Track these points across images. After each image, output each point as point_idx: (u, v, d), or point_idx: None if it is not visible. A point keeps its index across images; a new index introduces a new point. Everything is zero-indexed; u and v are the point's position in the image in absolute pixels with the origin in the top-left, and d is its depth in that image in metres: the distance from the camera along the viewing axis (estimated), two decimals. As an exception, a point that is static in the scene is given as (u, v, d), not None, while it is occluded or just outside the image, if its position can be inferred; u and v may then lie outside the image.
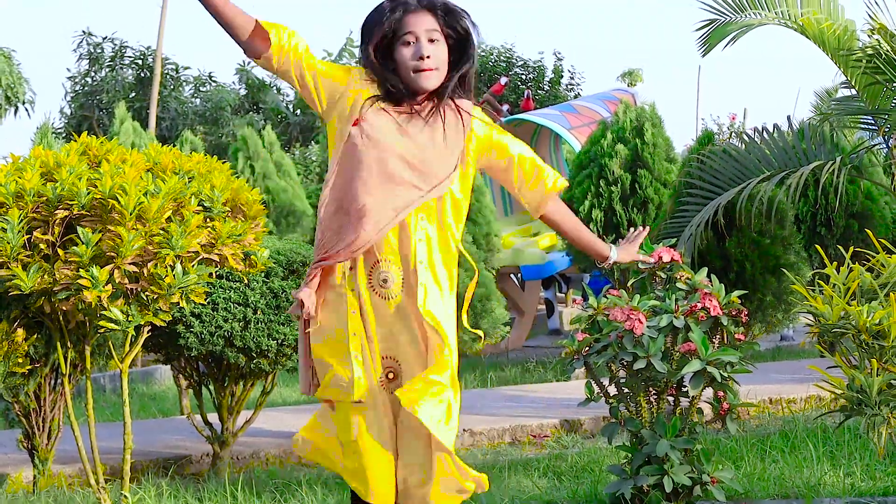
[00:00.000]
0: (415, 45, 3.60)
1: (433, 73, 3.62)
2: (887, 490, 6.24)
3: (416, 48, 3.59)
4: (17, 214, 5.58)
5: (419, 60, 3.59)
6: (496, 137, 3.88)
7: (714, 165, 8.79)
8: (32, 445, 7.08)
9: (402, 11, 3.62)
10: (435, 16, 3.63)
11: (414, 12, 3.62)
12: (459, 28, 3.66)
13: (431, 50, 3.60)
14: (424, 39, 3.60)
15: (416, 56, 3.60)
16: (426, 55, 3.58)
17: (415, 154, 3.67)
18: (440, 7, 3.65)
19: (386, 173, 3.66)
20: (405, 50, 3.61)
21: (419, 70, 3.61)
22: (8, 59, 24.82)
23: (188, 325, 7.32)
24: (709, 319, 5.65)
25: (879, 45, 7.63)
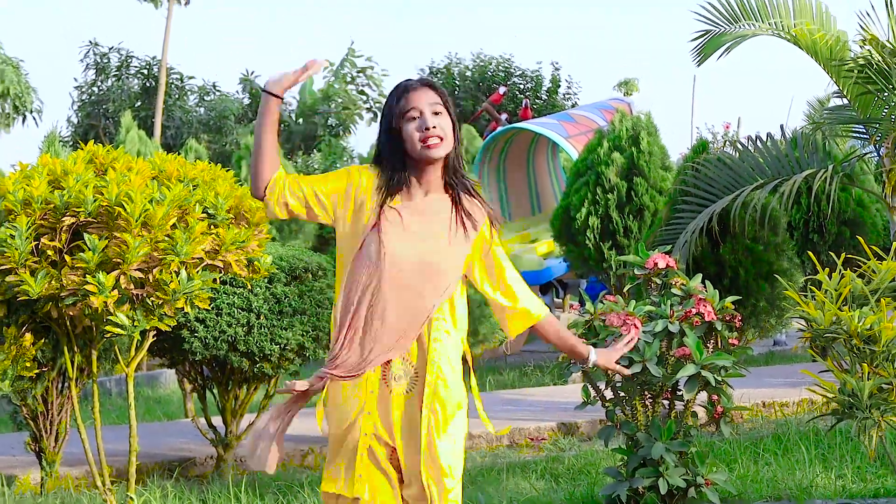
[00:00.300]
0: (419, 119, 3.66)
1: (439, 144, 3.66)
2: (878, 492, 6.25)
3: (421, 121, 3.65)
4: (25, 221, 5.59)
5: (425, 132, 3.65)
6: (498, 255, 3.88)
7: (708, 173, 8.80)
8: (40, 448, 7.09)
9: (405, 90, 3.71)
10: (436, 91, 3.72)
11: (416, 90, 3.71)
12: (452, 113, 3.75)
13: (436, 121, 3.66)
14: (428, 112, 3.67)
15: (421, 128, 3.65)
16: (431, 125, 3.64)
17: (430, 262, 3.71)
18: (440, 88, 3.75)
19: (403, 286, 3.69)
20: (411, 125, 3.67)
21: (426, 140, 3.65)
22: (16, 69, 24.85)
23: (192, 329, 7.32)
24: (703, 324, 5.66)
25: (871, 56, 7.64)
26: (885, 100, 7.82)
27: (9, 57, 25.17)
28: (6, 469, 7.93)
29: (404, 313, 3.69)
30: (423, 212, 3.73)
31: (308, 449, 8.64)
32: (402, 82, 3.79)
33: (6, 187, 5.74)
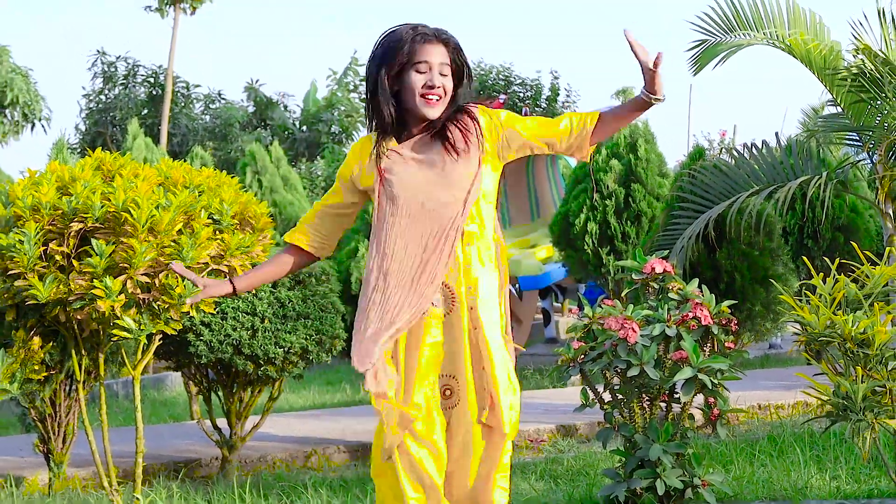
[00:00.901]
0: (427, 74, 3.67)
1: (437, 103, 3.69)
2: (872, 493, 6.24)
3: (429, 77, 3.67)
4: (34, 227, 5.59)
5: (428, 89, 3.67)
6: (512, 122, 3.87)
7: (705, 180, 8.79)
8: (48, 449, 7.08)
9: (422, 40, 3.69)
10: (448, 49, 3.72)
11: (431, 43, 3.69)
12: (465, 66, 3.76)
13: (441, 81, 3.68)
14: (437, 71, 3.68)
15: (426, 84, 3.66)
16: (436, 84, 3.66)
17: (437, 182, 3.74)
18: (453, 42, 3.74)
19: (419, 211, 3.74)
20: (417, 77, 3.67)
21: (426, 97, 3.68)
22: (25, 78, 24.87)
23: (198, 333, 7.33)
24: (700, 328, 5.65)
25: (864, 65, 7.64)
26: (877, 108, 7.81)
27: (18, 66, 25.17)
28: (15, 470, 7.93)
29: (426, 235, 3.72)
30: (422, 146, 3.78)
31: (312, 450, 8.64)
32: (416, 27, 3.76)
33: (15, 193, 5.75)
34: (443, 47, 3.71)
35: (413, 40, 3.68)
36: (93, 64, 30.95)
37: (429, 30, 3.74)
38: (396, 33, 3.73)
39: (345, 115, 31.88)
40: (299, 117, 32.93)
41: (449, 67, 3.71)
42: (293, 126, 32.59)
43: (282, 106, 33.11)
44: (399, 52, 3.68)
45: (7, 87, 24.45)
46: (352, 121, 31.94)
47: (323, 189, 24.92)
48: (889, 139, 7.70)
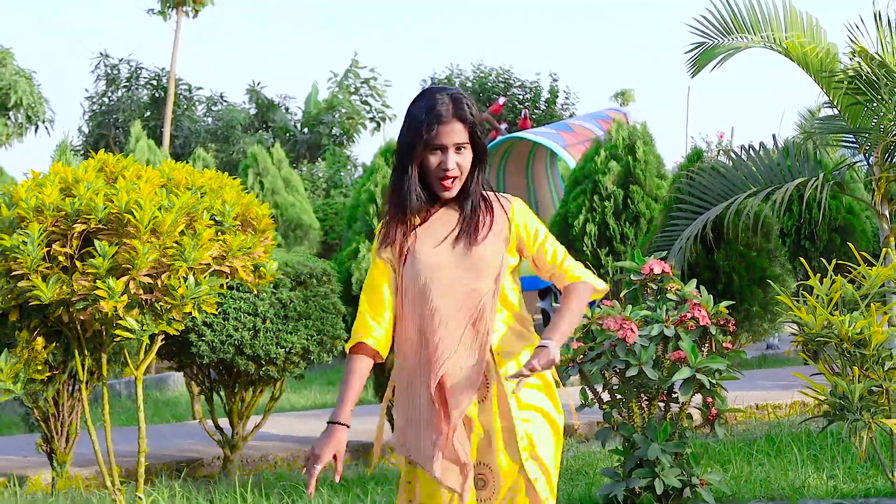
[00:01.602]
0: (443, 155, 3.56)
1: (453, 184, 3.57)
2: (868, 492, 6.24)
3: (444, 159, 3.55)
4: (38, 228, 5.58)
5: (444, 172, 3.55)
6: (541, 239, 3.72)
7: (703, 181, 8.79)
8: (51, 449, 7.08)
9: (437, 121, 3.54)
10: (465, 125, 3.57)
11: (446, 123, 3.55)
12: (480, 143, 3.61)
13: (458, 160, 3.56)
14: (452, 150, 3.55)
15: (442, 167, 3.55)
16: (451, 167, 3.54)
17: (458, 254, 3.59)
18: (470, 116, 3.58)
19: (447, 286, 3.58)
20: (433, 158, 3.56)
21: (441, 181, 3.57)
22: (29, 80, 24.88)
23: (200, 333, 7.32)
24: (698, 329, 5.65)
25: (860, 68, 7.63)
26: (873, 110, 7.81)
27: (22, 69, 25.19)
28: (18, 469, 7.93)
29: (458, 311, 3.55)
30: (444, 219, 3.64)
31: (313, 450, 8.62)
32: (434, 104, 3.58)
33: (19, 195, 5.74)
34: (459, 125, 3.55)
35: (431, 126, 3.53)
36: (96, 66, 30.95)
37: (444, 108, 3.56)
38: (413, 114, 3.60)
39: (346, 117, 31.86)
40: (300, 119, 32.91)
41: (467, 141, 3.57)
42: (294, 128, 32.58)
43: (283, 108, 33.10)
44: (418, 140, 3.54)
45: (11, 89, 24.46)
46: (353, 123, 31.94)
47: (324, 191, 24.91)
48: (885, 141, 7.70)
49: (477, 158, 3.62)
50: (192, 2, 26.21)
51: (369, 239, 9.42)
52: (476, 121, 3.60)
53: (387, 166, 9.69)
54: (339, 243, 17.88)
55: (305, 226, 17.59)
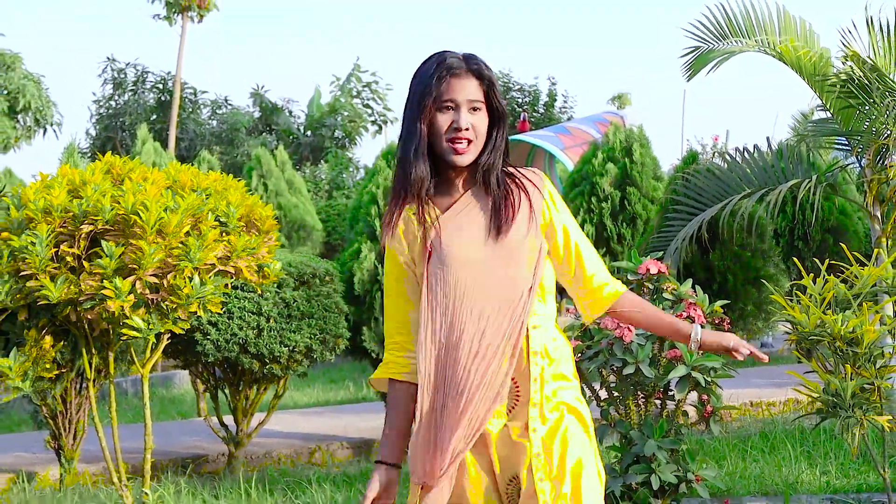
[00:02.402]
0: (454, 112, 3.01)
1: (467, 149, 3.00)
2: (860, 487, 6.24)
3: (455, 117, 3.00)
4: (46, 229, 5.58)
5: (455, 132, 2.99)
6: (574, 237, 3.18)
7: (698, 183, 8.79)
8: (59, 445, 7.08)
9: (447, 72, 3.00)
10: (481, 82, 3.02)
11: (458, 77, 3.00)
12: (499, 104, 3.05)
13: (471, 120, 3.00)
14: (465, 108, 3.00)
15: (453, 126, 2.99)
16: (465, 126, 2.98)
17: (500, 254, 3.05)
18: (488, 74, 3.05)
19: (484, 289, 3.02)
20: (442, 117, 3.00)
21: (453, 143, 3.00)
22: (37, 84, 24.87)
23: (205, 332, 7.32)
24: (693, 327, 5.65)
25: (852, 72, 7.63)
26: (865, 113, 7.80)
27: (30, 73, 25.17)
28: (27, 466, 7.93)
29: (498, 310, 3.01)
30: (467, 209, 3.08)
31: (316, 446, 8.64)
32: (445, 57, 3.04)
33: (27, 196, 5.75)
34: (474, 80, 3.01)
35: (442, 78, 2.99)
36: (103, 70, 31.00)
37: (455, 60, 3.02)
38: (421, 71, 3.06)
39: (348, 120, 31.88)
40: (304, 122, 32.93)
41: (483, 104, 3.02)
42: (298, 131, 32.59)
43: (287, 111, 33.12)
44: (427, 96, 3.00)
45: (20, 93, 24.45)
46: (355, 126, 31.94)
47: (327, 192, 24.91)
48: (877, 143, 7.70)
49: (494, 124, 3.06)
50: (197, 7, 26.23)
51: (371, 240, 9.42)
52: (493, 80, 3.06)
53: (388, 168, 9.70)
54: (341, 244, 17.88)
55: (308, 227, 17.59)
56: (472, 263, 3.02)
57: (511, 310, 3.01)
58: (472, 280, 3.01)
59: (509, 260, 3.02)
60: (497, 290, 3.01)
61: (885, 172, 7.68)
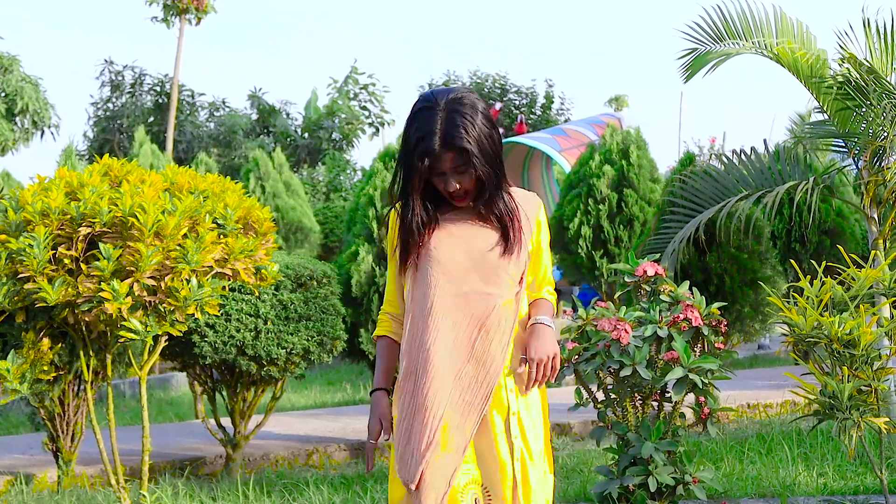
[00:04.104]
0: (445, 179, 3.37)
1: (464, 199, 3.41)
2: (857, 489, 6.24)
3: (447, 183, 3.37)
4: (44, 231, 5.58)
5: (450, 194, 3.40)
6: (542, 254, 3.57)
7: (695, 185, 8.79)
8: (57, 447, 7.08)
9: (426, 154, 3.33)
10: (455, 152, 3.33)
11: (437, 155, 3.33)
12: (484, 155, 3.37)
13: (458, 180, 3.37)
14: (451, 176, 3.36)
15: (447, 190, 3.39)
16: (451, 190, 3.37)
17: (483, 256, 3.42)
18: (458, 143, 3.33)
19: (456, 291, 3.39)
20: (436, 180, 3.39)
21: (452, 198, 3.42)
22: (35, 87, 24.85)
23: (203, 334, 7.32)
24: (690, 329, 5.65)
25: (849, 73, 7.63)
26: (862, 115, 7.80)
27: (28, 75, 25.13)
28: (25, 468, 7.92)
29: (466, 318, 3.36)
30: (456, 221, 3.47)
31: (313, 448, 8.63)
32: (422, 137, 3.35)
33: (25, 199, 5.75)
34: (450, 153, 3.33)
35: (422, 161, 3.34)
36: (101, 73, 30.96)
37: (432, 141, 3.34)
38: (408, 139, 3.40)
39: (345, 122, 31.86)
40: (301, 124, 32.92)
41: (463, 166, 3.35)
42: (295, 133, 32.57)
43: (284, 113, 33.10)
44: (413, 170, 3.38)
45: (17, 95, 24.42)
46: (352, 128, 31.92)
47: (324, 194, 24.90)
48: (874, 145, 7.70)
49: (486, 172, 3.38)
50: (194, 9, 26.19)
51: (368, 242, 9.43)
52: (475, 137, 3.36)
53: (385, 170, 9.70)
54: (338, 246, 17.87)
55: (306, 229, 17.58)
56: (452, 271, 3.39)
57: (480, 322, 3.35)
58: (448, 287, 3.37)
59: (489, 277, 3.39)
60: (471, 302, 3.36)
61: (882, 174, 7.69)
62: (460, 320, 3.36)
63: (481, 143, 3.36)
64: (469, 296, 3.37)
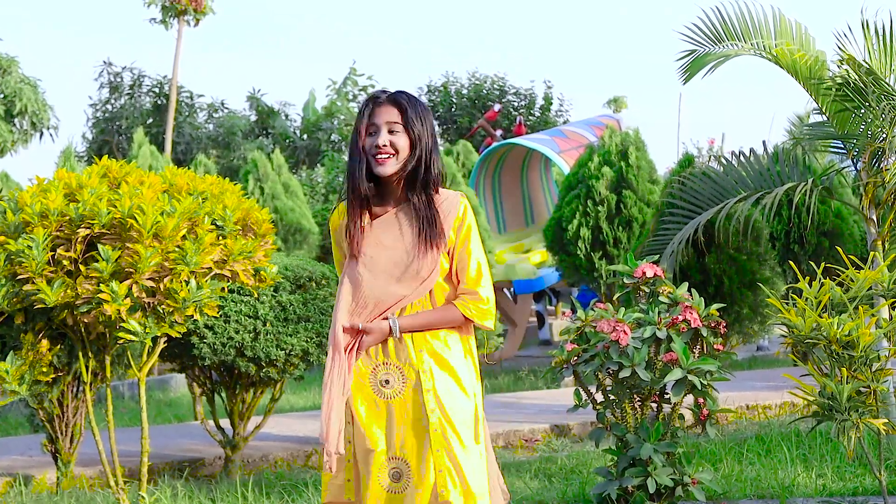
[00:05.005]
0: (376, 135, 3.73)
1: (388, 160, 3.72)
2: (856, 490, 6.24)
3: (375, 138, 3.72)
4: (42, 233, 5.59)
5: (376, 149, 3.72)
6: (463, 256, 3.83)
7: (694, 186, 8.79)
8: (56, 449, 7.08)
9: (372, 106, 3.78)
10: (400, 109, 3.74)
11: (380, 105, 3.76)
12: (414, 130, 3.75)
13: (389, 139, 3.72)
14: (384, 130, 3.72)
15: (374, 144, 3.72)
16: (382, 143, 3.70)
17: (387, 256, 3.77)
18: (405, 103, 3.76)
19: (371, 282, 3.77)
20: (369, 139, 3.75)
21: (376, 157, 3.72)
22: (34, 88, 24.83)
23: (202, 336, 7.32)
24: (689, 331, 5.66)
25: (848, 75, 7.63)
26: (861, 116, 7.81)
27: (27, 77, 25.12)
28: (24, 469, 7.92)
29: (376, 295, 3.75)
30: (390, 222, 3.79)
31: (312, 449, 8.63)
32: (373, 94, 3.85)
33: (24, 200, 5.75)
34: (394, 108, 3.75)
35: (367, 107, 3.78)
36: (99, 74, 30.98)
37: (383, 94, 3.81)
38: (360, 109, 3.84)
39: (344, 123, 31.88)
40: (300, 126, 32.93)
41: (401, 126, 3.74)
42: (294, 134, 32.59)
43: (283, 115, 33.11)
44: (360, 122, 3.78)
45: (16, 96, 24.40)
46: (351, 129, 31.94)
47: (323, 195, 24.92)
48: (872, 147, 7.70)
49: (414, 144, 3.75)
50: (193, 11, 26.19)
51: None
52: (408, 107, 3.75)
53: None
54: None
55: (305, 230, 17.57)
56: (377, 272, 3.77)
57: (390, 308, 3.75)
58: (372, 287, 3.76)
59: (403, 279, 3.75)
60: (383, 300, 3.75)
61: (881, 176, 7.69)
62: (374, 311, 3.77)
63: (423, 123, 3.77)
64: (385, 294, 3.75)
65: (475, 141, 26.01)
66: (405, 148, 3.74)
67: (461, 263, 3.80)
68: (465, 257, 3.80)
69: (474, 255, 3.81)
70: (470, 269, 3.79)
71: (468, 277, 3.79)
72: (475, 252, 3.81)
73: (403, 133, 3.74)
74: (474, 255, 3.81)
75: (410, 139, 3.75)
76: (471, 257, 3.80)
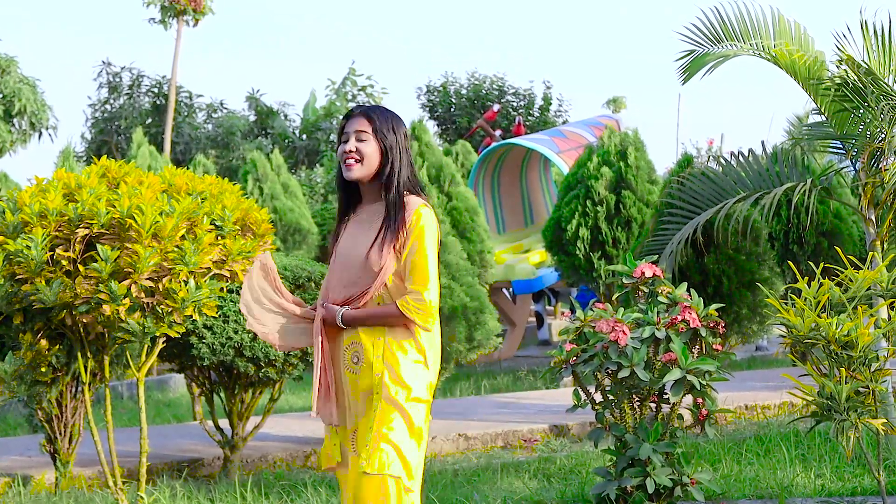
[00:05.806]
0: (346, 142, 4.08)
1: (354, 165, 4.05)
2: (855, 490, 6.24)
3: (345, 145, 4.07)
4: (41, 233, 5.59)
5: (344, 154, 4.07)
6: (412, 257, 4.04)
7: (693, 187, 8.79)
8: (54, 449, 7.07)
9: (347, 117, 4.15)
10: (369, 120, 4.08)
11: (353, 117, 4.12)
12: (384, 139, 4.08)
13: (356, 145, 4.05)
14: (353, 137, 4.06)
15: (343, 150, 4.07)
16: (349, 149, 4.05)
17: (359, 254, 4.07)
18: (375, 115, 4.10)
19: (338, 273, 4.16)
20: (340, 147, 4.11)
21: (344, 162, 4.07)
22: (33, 88, 24.84)
23: (201, 336, 7.32)
24: (688, 331, 5.66)
25: (847, 75, 7.63)
26: (860, 117, 7.80)
27: (26, 77, 25.13)
28: (22, 469, 7.92)
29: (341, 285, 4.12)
30: (363, 221, 4.14)
31: (311, 450, 8.63)
32: (352, 108, 4.23)
33: (23, 200, 5.75)
34: (364, 119, 4.08)
35: (344, 119, 4.15)
36: (98, 74, 30.99)
37: (359, 108, 4.15)
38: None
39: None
40: (299, 126, 32.93)
41: (369, 135, 4.06)
42: (293, 135, 32.59)
43: (282, 115, 33.11)
44: (339, 135, 4.16)
45: (15, 96, 24.41)
46: (350, 130, 31.92)
47: (322, 196, 24.92)
48: (871, 147, 7.70)
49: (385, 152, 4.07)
50: (192, 11, 26.20)
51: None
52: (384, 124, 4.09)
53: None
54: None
55: (304, 230, 17.58)
56: (340, 264, 4.15)
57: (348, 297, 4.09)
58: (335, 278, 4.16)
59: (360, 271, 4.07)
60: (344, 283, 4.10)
61: (880, 176, 7.69)
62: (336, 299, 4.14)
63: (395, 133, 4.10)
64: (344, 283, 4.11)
65: (474, 141, 26.03)
66: (372, 154, 4.07)
67: (409, 264, 4.03)
68: (415, 259, 4.03)
69: (426, 258, 4.03)
70: (417, 270, 4.02)
71: (415, 278, 4.02)
72: (428, 256, 4.03)
73: (373, 141, 4.06)
74: (426, 258, 4.03)
75: (381, 147, 4.07)
76: (420, 259, 4.03)
